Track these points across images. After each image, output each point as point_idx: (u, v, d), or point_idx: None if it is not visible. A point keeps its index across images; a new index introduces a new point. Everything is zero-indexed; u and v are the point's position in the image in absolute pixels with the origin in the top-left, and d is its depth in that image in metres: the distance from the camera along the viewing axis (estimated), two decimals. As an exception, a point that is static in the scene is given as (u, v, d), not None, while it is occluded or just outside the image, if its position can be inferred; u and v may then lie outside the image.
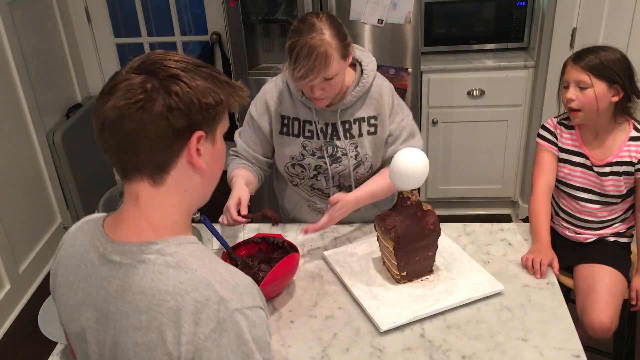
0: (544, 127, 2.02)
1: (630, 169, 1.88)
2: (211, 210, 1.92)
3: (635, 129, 1.87)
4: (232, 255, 1.65)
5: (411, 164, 1.50)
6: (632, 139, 1.87)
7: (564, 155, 1.98)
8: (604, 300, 1.84)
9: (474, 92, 3.09)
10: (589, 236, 2.02)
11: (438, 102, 3.11)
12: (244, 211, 1.71)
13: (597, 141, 1.91)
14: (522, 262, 1.72)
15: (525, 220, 2.09)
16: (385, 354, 1.42)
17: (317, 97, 1.69)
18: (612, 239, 2.01)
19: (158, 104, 0.89)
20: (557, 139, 1.98)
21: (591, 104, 1.81)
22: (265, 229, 1.94)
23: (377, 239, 1.68)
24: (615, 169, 1.90)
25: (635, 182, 1.90)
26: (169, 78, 0.90)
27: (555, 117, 2.01)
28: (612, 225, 2.00)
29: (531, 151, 3.18)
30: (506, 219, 3.44)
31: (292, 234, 1.90)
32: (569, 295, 2.15)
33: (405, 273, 1.61)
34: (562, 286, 1.86)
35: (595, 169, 1.92)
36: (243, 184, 1.81)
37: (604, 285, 1.88)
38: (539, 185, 1.99)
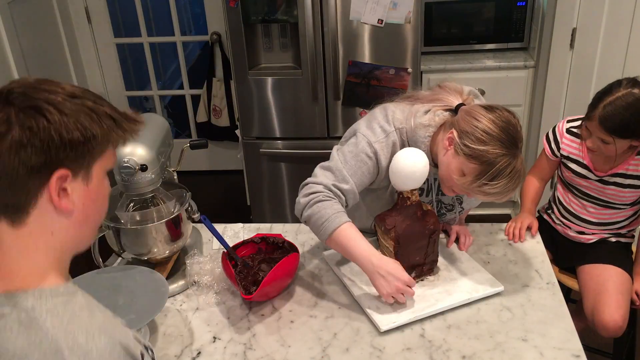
0: (552, 130, 2.01)
1: (636, 182, 1.87)
2: (211, 211, 1.92)
3: None
4: (232, 255, 1.65)
5: (411, 163, 1.49)
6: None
7: (565, 161, 1.98)
8: (615, 299, 1.86)
9: (474, 92, 3.09)
10: (591, 237, 2.02)
11: (438, 102, 3.11)
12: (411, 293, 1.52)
13: (605, 157, 1.88)
14: (505, 233, 1.80)
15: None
16: (385, 354, 1.42)
17: (450, 193, 1.59)
18: (613, 239, 2.01)
19: (8, 139, 0.80)
20: (559, 147, 1.98)
21: (612, 153, 1.80)
22: (265, 229, 1.93)
23: (377, 239, 1.68)
24: (620, 180, 1.89)
25: None
26: (28, 109, 0.82)
27: (569, 122, 1.98)
28: (614, 227, 2.00)
29: (531, 151, 3.18)
30: (506, 219, 3.44)
31: (292, 234, 1.90)
32: (569, 295, 2.15)
33: (410, 272, 1.61)
34: (562, 286, 1.86)
35: (598, 175, 1.92)
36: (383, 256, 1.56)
37: (613, 285, 1.89)
38: (530, 175, 2.11)
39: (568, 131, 1.96)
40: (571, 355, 1.39)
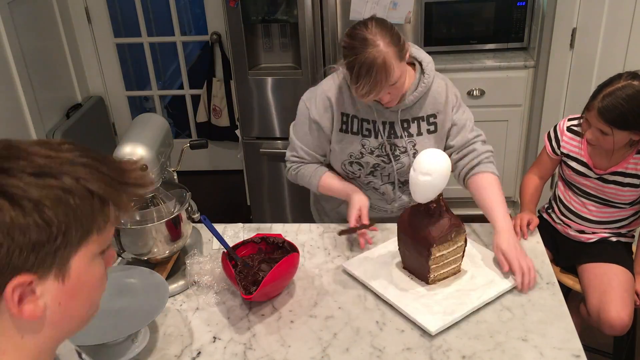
0: (554, 128, 2.03)
1: (635, 181, 1.87)
2: (211, 211, 1.92)
3: None
4: (232, 255, 1.65)
5: (435, 172, 1.49)
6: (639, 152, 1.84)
7: (565, 159, 1.98)
8: (621, 297, 1.86)
9: (474, 92, 3.09)
10: (591, 236, 2.02)
11: (438, 102, 3.11)
12: (366, 220, 1.75)
13: (603, 153, 1.89)
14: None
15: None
16: (385, 354, 1.42)
17: (386, 102, 1.71)
18: (614, 239, 2.01)
19: None
20: (559, 145, 1.99)
21: (610, 145, 1.80)
22: (265, 229, 1.93)
23: (400, 245, 1.66)
24: (619, 179, 1.89)
25: None
26: None
27: (570, 120, 1.99)
28: (615, 226, 2.00)
29: (531, 151, 3.18)
30: (506, 219, 3.43)
31: (292, 234, 1.90)
32: (569, 295, 2.15)
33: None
34: (562, 286, 1.86)
35: (597, 173, 1.92)
36: (357, 189, 1.86)
37: (618, 283, 1.89)
38: (530, 172, 2.13)
39: (569, 129, 1.97)
40: (571, 355, 1.39)
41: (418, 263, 1.60)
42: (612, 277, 1.91)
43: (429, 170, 1.50)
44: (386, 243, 1.78)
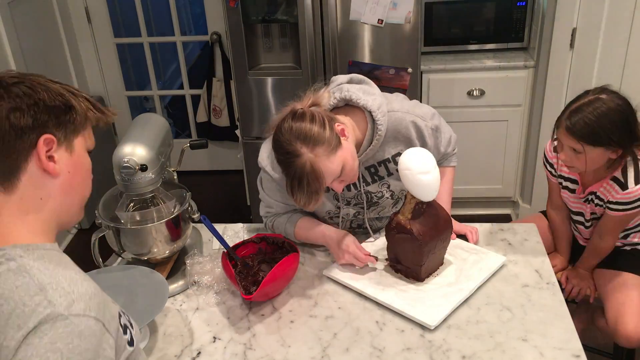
0: (544, 154, 1.99)
1: (602, 204, 1.86)
2: (211, 211, 1.92)
3: (623, 170, 1.76)
4: (232, 255, 1.65)
5: (426, 180, 1.51)
6: (614, 179, 1.78)
7: (561, 181, 1.97)
8: (638, 311, 1.83)
9: (474, 92, 3.09)
10: None
11: (438, 102, 3.11)
12: (365, 251, 1.67)
13: (593, 174, 1.84)
14: (563, 283, 1.91)
15: None
16: (385, 354, 1.42)
17: (341, 189, 1.61)
18: (628, 248, 1.99)
19: (1, 108, 0.91)
20: (554, 168, 1.96)
21: (585, 166, 1.74)
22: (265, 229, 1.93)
23: (390, 245, 1.66)
24: (590, 198, 1.89)
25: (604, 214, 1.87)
26: (15, 85, 0.93)
27: (553, 140, 1.89)
28: (621, 235, 1.98)
29: (531, 151, 3.18)
30: (506, 219, 3.44)
31: (292, 234, 1.90)
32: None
33: (426, 270, 1.63)
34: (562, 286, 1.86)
35: (578, 194, 1.92)
36: (335, 230, 1.74)
37: (637, 295, 1.86)
38: (547, 208, 2.10)
39: (555, 149, 1.90)
40: (571, 355, 1.39)
41: (410, 262, 1.61)
42: (631, 288, 1.87)
43: (427, 167, 1.51)
44: (363, 244, 1.77)
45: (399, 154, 1.68)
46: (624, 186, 1.75)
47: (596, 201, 1.87)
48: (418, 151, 1.55)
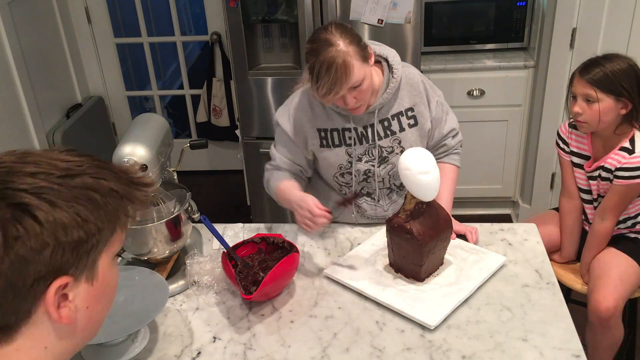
0: (558, 134, 2.06)
1: (611, 176, 1.90)
2: (211, 211, 1.92)
3: (631, 140, 1.86)
4: (232, 255, 1.65)
5: (425, 180, 1.52)
6: (622, 148, 1.87)
7: (575, 159, 2.00)
8: (613, 284, 1.88)
9: (474, 92, 3.09)
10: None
11: (438, 102, 3.11)
12: (323, 207, 1.66)
13: (604, 147, 1.92)
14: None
15: None
16: (385, 354, 1.42)
17: (352, 106, 1.67)
18: (632, 235, 2.03)
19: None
20: (568, 145, 2.01)
21: (597, 118, 1.83)
22: (265, 229, 1.93)
23: (390, 245, 1.66)
24: (597, 173, 1.94)
25: (609, 189, 1.92)
26: (11, 209, 0.65)
27: (569, 119, 2.02)
28: (625, 225, 2.01)
29: (531, 151, 3.18)
30: (506, 219, 3.44)
31: (292, 234, 1.90)
32: (569, 296, 2.15)
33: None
34: (562, 286, 1.87)
35: (586, 169, 1.97)
36: (301, 191, 1.77)
37: (617, 271, 1.91)
38: (560, 197, 2.13)
39: (570, 125, 2.01)
40: (571, 355, 1.39)
41: (410, 262, 1.61)
42: (615, 265, 1.93)
43: (427, 167, 1.52)
44: (364, 244, 1.78)
45: (411, 109, 1.80)
46: (631, 152, 1.84)
47: (603, 175, 1.91)
48: (418, 151, 1.55)
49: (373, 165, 1.83)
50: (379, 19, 2.74)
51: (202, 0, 3.66)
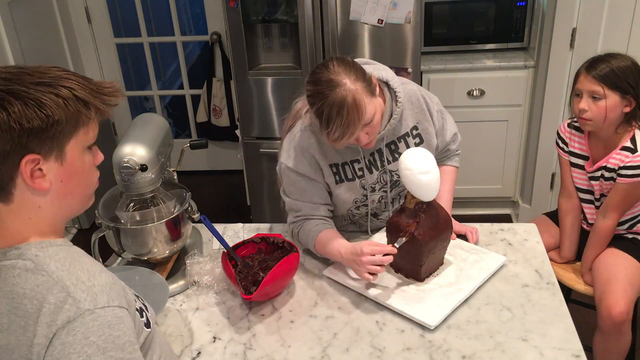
0: (557, 134, 2.06)
1: (614, 175, 1.90)
2: (211, 211, 1.92)
3: (632, 139, 1.87)
4: (232, 255, 1.65)
5: (425, 180, 1.52)
6: (624, 147, 1.87)
7: (573, 159, 2.00)
8: (623, 288, 1.88)
9: (474, 92, 3.09)
10: None
11: (438, 102, 3.11)
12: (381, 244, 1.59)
13: (604, 147, 1.92)
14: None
15: None
16: (385, 354, 1.42)
17: (365, 144, 1.60)
18: (630, 235, 2.03)
19: None
20: (567, 145, 2.01)
21: (603, 115, 1.83)
22: (265, 229, 1.93)
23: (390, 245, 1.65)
24: (599, 174, 1.94)
25: (612, 187, 1.92)
26: None
27: (569, 119, 2.03)
28: (624, 227, 2.01)
29: (531, 151, 3.18)
30: (506, 219, 3.44)
31: (292, 234, 1.90)
32: (569, 295, 2.15)
33: (426, 270, 1.63)
34: (562, 286, 1.87)
35: (587, 169, 1.96)
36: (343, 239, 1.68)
37: (625, 274, 1.91)
38: (559, 197, 2.12)
39: (569, 125, 2.02)
40: (571, 355, 1.39)
41: (410, 262, 1.61)
42: (621, 268, 1.92)
43: (428, 167, 1.52)
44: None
45: (415, 127, 1.75)
46: (633, 151, 1.84)
47: (606, 175, 1.91)
48: (418, 151, 1.55)
49: (386, 192, 1.79)
50: (379, 19, 2.74)
51: (202, 0, 3.66)
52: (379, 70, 1.67)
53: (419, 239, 1.54)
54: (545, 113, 2.97)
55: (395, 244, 1.56)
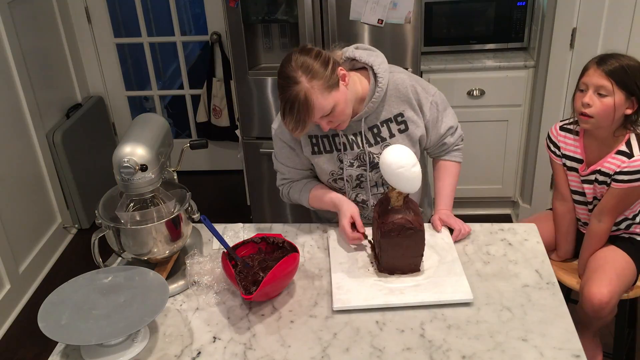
0: (548, 137, 2.03)
1: (608, 180, 1.89)
2: (211, 211, 1.92)
3: (627, 143, 1.84)
4: (232, 255, 1.65)
5: (409, 174, 1.56)
6: (619, 152, 1.85)
7: (565, 162, 1.99)
8: (609, 277, 1.87)
9: (474, 92, 3.09)
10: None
11: (438, 102, 3.11)
12: (360, 228, 1.75)
13: (598, 150, 1.91)
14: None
15: None
16: (385, 354, 1.42)
17: (329, 128, 1.71)
18: (627, 235, 2.03)
19: None
20: (559, 148, 1.99)
21: (606, 113, 1.79)
22: (265, 229, 1.94)
23: (382, 249, 1.65)
24: (593, 177, 1.92)
25: (607, 192, 1.91)
26: None
27: (560, 122, 2.01)
28: (621, 227, 2.00)
29: (531, 151, 3.18)
30: (506, 219, 3.44)
31: (292, 234, 1.90)
32: (569, 295, 2.15)
33: (386, 265, 1.64)
34: (562, 286, 1.87)
35: (581, 173, 1.95)
36: (345, 198, 1.84)
37: (613, 266, 1.91)
38: (553, 200, 2.12)
39: (562, 128, 2.00)
40: (571, 355, 1.39)
41: (409, 256, 1.62)
42: (611, 260, 1.92)
43: (412, 160, 1.56)
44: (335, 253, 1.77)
45: (401, 115, 1.79)
46: (629, 156, 1.83)
47: (600, 179, 1.90)
48: (398, 147, 1.59)
49: (365, 170, 1.83)
50: (378, 19, 2.74)
51: (202, 0, 3.67)
52: (369, 56, 1.76)
53: (420, 228, 1.58)
54: (545, 113, 2.97)
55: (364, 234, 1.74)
